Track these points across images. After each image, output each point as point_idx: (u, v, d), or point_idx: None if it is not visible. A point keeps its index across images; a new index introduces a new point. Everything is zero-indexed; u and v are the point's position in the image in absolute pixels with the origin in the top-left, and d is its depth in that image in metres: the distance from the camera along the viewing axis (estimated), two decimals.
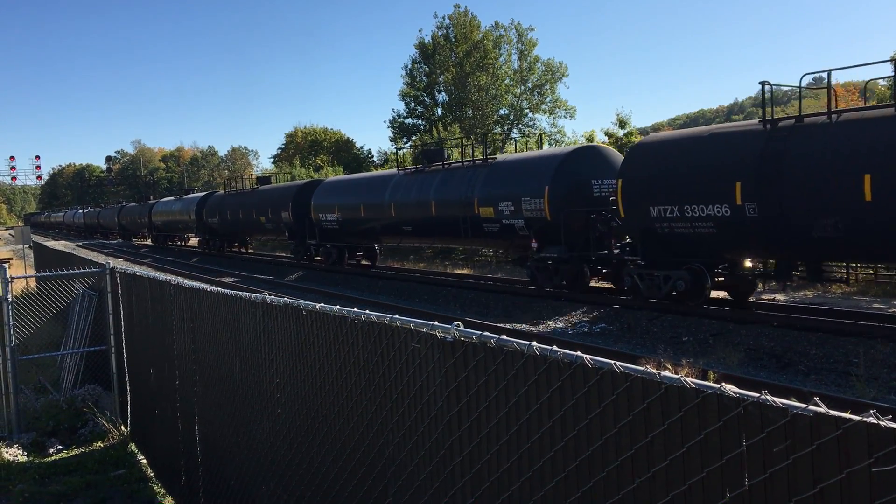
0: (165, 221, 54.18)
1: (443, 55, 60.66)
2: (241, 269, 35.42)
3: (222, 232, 43.34)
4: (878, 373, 11.31)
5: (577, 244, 19.11)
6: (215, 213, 42.78)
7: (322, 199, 31.18)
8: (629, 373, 2.55)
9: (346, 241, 30.60)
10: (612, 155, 20.50)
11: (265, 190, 38.63)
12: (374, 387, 4.05)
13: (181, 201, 51.34)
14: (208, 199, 45.53)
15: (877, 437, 1.86)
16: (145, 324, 8.90)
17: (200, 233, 46.21)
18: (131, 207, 69.19)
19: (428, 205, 23.89)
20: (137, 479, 8.29)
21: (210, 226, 44.11)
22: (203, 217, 44.65)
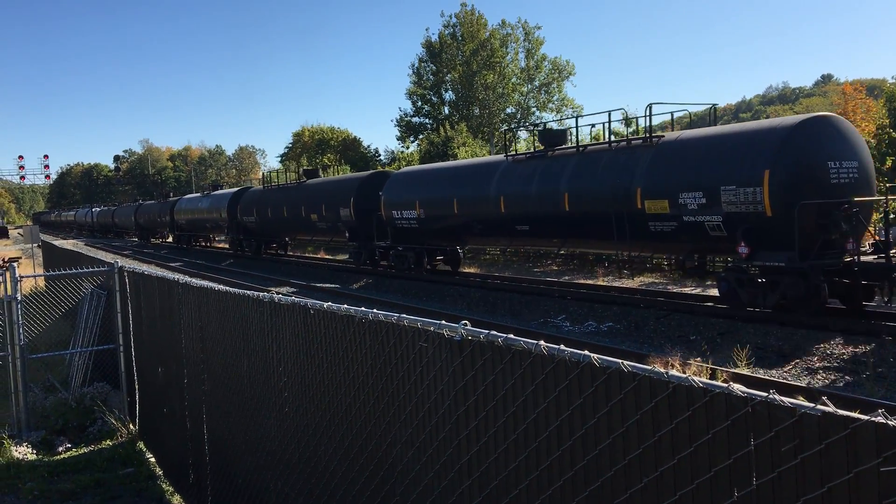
0: (190, 220, 49.82)
1: (450, 54, 60.64)
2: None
3: (260, 232, 39.21)
4: (886, 372, 11.27)
5: (810, 249, 14.03)
6: (252, 211, 38.33)
7: (396, 193, 26.39)
8: (637, 372, 2.55)
9: (428, 242, 25.82)
10: (851, 131, 15.55)
11: (316, 184, 33.96)
12: (382, 386, 4.05)
13: (209, 198, 46.71)
14: (243, 195, 41.22)
15: (885, 437, 1.86)
16: (154, 322, 8.93)
17: (233, 232, 41.76)
18: (150, 205, 64.79)
19: (557, 198, 18.95)
20: (146, 478, 8.32)
21: (245, 225, 39.93)
22: (237, 215, 40.37)
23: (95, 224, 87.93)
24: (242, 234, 40.73)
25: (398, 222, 26.19)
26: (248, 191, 41.98)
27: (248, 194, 40.76)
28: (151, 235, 65.01)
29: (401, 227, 26.20)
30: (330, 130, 74.78)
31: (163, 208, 57.29)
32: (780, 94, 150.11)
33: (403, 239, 26.40)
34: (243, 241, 40.95)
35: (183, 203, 52.60)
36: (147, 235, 65.29)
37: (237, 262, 38.94)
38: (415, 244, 26.07)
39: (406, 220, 25.76)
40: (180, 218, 51.77)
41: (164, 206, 56.89)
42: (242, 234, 40.73)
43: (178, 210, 52.14)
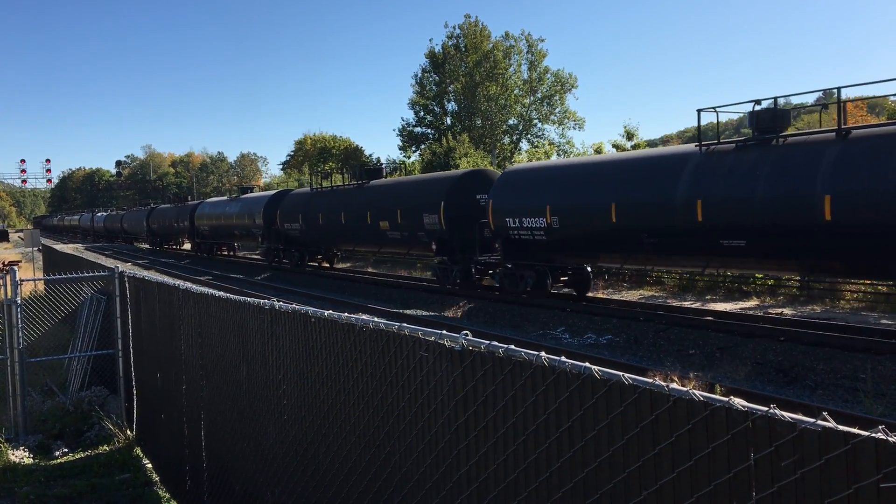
0: (215, 226, 44.43)
1: (453, 65, 60.83)
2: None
3: (305, 241, 33.97)
4: (885, 389, 11.25)
5: None
6: (296, 217, 33.24)
7: (512, 196, 20.75)
8: (637, 385, 2.55)
9: (556, 258, 20.50)
10: None
11: (387, 186, 28.62)
12: (382, 395, 4.06)
13: (239, 202, 41.56)
14: (284, 198, 36.37)
15: (885, 453, 1.86)
16: (153, 328, 8.93)
17: (270, 241, 36.48)
18: (165, 210, 58.65)
19: (805, 204, 13.58)
20: (142, 484, 8.30)
21: (286, 233, 34.88)
22: (275, 221, 35.52)
23: (102, 229, 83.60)
24: (283, 244, 35.54)
25: (513, 233, 20.50)
26: (290, 194, 37.08)
27: (291, 198, 35.65)
28: (165, 242, 60.03)
29: (517, 239, 20.46)
30: (332, 139, 75.02)
31: (181, 213, 52.05)
32: None
33: (521, 254, 20.64)
34: (283, 251, 36.02)
35: (206, 207, 47.25)
36: (160, 242, 60.26)
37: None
38: (537, 261, 20.43)
39: (526, 231, 20.07)
40: (202, 224, 46.56)
41: (183, 211, 51.83)
42: (283, 244, 35.54)
43: (200, 215, 46.94)
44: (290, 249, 35.41)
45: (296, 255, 34.97)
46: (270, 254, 37.53)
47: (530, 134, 63.15)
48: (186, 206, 52.76)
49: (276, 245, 36.23)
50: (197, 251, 49.79)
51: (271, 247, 36.87)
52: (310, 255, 35.17)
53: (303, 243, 34.51)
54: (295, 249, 35.03)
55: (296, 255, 34.97)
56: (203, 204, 49.42)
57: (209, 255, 47.47)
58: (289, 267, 35.50)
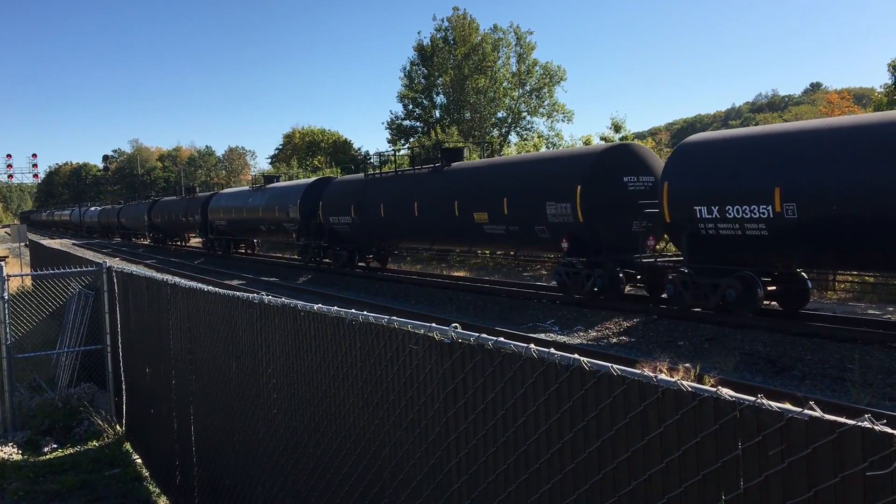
0: (233, 221, 39.49)
1: (441, 57, 60.75)
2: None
3: (356, 237, 28.71)
4: (872, 379, 11.33)
5: None
6: (345, 209, 28.06)
7: (707, 178, 15.28)
8: (626, 376, 2.56)
9: (780, 260, 15.30)
10: None
11: (481, 169, 22.66)
12: (371, 388, 4.06)
13: (264, 193, 36.39)
14: (327, 187, 30.92)
15: (871, 442, 1.88)
16: (141, 323, 8.90)
17: (310, 237, 31.32)
18: (170, 203, 53.43)
19: None
20: (132, 479, 8.28)
21: (332, 228, 29.55)
22: (317, 215, 30.48)
23: (96, 224, 79.34)
24: (326, 241, 30.25)
25: (707, 228, 15.18)
26: (336, 182, 31.59)
27: (338, 187, 30.21)
28: (169, 238, 55.33)
29: (712, 236, 15.19)
30: (321, 132, 74.82)
31: (190, 206, 46.73)
32: (770, 101, 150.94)
33: (714, 255, 15.45)
34: (326, 249, 30.72)
35: (222, 199, 42.05)
36: (164, 238, 55.50)
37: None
38: (743, 264, 15.19)
39: (731, 224, 14.69)
40: (217, 218, 41.58)
41: (193, 204, 46.40)
42: (326, 241, 30.25)
43: (215, 208, 41.78)
44: (335, 247, 30.15)
45: (343, 254, 29.66)
46: (308, 252, 32.07)
47: (519, 126, 63.17)
48: (197, 198, 47.43)
49: (317, 242, 30.88)
50: (210, 248, 44.80)
51: (310, 244, 31.50)
52: (360, 254, 29.57)
53: (353, 240, 29.09)
54: (342, 248, 29.74)
55: (343, 254, 29.66)
56: (218, 196, 43.98)
57: (224, 254, 42.41)
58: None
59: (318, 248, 31.30)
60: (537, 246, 21.40)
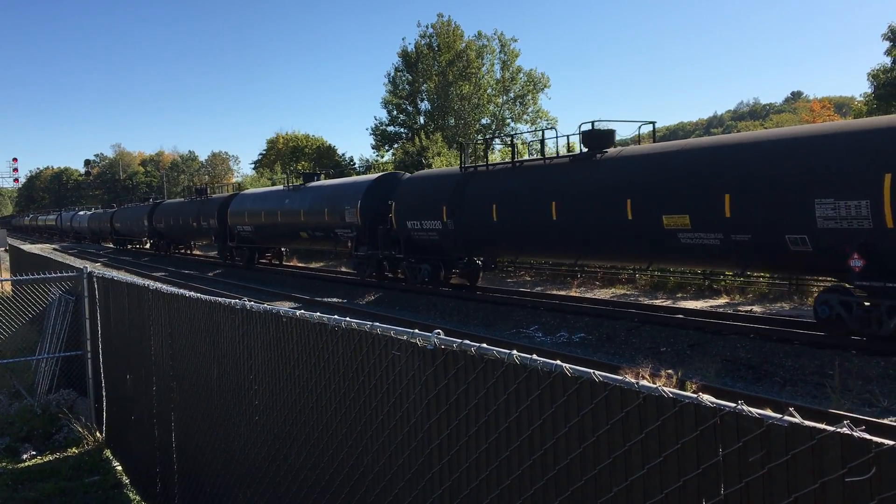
0: (262, 227, 33.82)
1: (426, 64, 60.78)
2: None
3: (448, 246, 22.57)
4: (852, 385, 11.43)
5: None
6: (434, 211, 22.03)
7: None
8: (608, 382, 2.57)
9: None
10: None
11: (690, 152, 15.83)
12: (354, 394, 4.04)
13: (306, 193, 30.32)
14: (401, 184, 25.14)
15: (850, 448, 1.89)
16: (122, 329, 8.83)
17: (375, 246, 25.39)
18: (175, 206, 47.22)
19: None
20: (112, 486, 8.21)
21: (411, 236, 23.34)
22: (392, 219, 24.12)
23: (85, 229, 73.16)
24: (404, 251, 23.96)
25: None
26: (412, 179, 25.33)
27: (418, 184, 24.19)
28: (174, 246, 49.59)
29: None
30: (305, 138, 74.65)
31: (203, 209, 40.59)
32: (751, 109, 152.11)
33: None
34: (400, 261, 24.61)
35: (246, 202, 36.12)
36: (167, 245, 49.55)
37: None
38: None
39: None
40: (241, 223, 35.58)
41: (206, 207, 40.26)
42: (404, 251, 23.96)
43: (237, 212, 36.04)
44: (411, 259, 23.91)
45: (424, 268, 23.36)
46: (369, 265, 26.15)
47: (503, 133, 63.25)
48: (211, 199, 41.28)
49: (387, 252, 24.95)
50: (228, 258, 38.70)
51: (374, 255, 25.54)
52: (446, 268, 23.65)
53: (442, 251, 23.09)
54: (424, 260, 23.53)
55: (424, 268, 23.36)
56: (241, 197, 37.70)
57: (247, 265, 36.44)
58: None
59: (390, 259, 25.15)
60: (786, 262, 14.38)
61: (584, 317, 17.79)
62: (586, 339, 16.24)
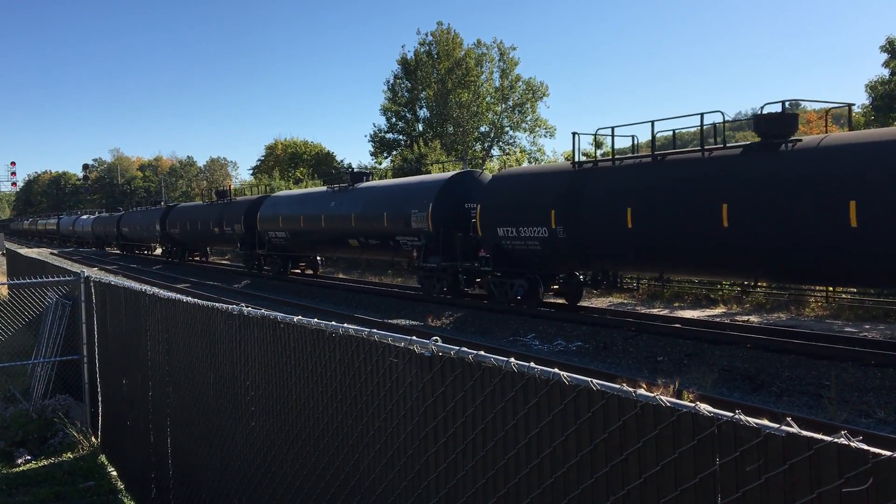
0: (301, 233, 30.16)
1: (425, 71, 60.93)
2: None
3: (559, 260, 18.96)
4: (849, 396, 11.43)
5: None
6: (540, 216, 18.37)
7: None
8: (605, 390, 2.57)
9: None
10: None
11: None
12: (351, 401, 4.04)
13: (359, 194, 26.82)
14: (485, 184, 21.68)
15: (847, 458, 1.89)
16: (119, 334, 8.81)
17: (453, 256, 21.81)
18: (192, 210, 43.70)
19: None
20: (107, 491, 8.18)
21: (502, 246, 19.64)
22: (477, 226, 20.63)
23: (88, 234, 69.77)
24: (493, 262, 20.33)
25: None
26: (501, 177, 21.36)
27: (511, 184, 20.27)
28: (188, 253, 46.22)
29: None
30: (303, 144, 74.68)
31: (226, 214, 36.90)
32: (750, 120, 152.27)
33: None
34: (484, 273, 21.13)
35: (280, 205, 32.31)
36: (180, 252, 46.02)
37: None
38: None
39: None
40: (273, 229, 32.12)
41: (230, 211, 36.61)
42: (493, 262, 20.33)
43: (269, 217, 32.43)
44: (501, 273, 20.28)
45: (520, 285, 19.69)
46: (439, 279, 22.63)
47: (502, 141, 63.41)
48: (236, 203, 37.72)
49: (468, 264, 21.59)
50: (255, 267, 35.31)
51: (448, 267, 22.06)
52: (544, 284, 19.97)
53: (545, 262, 19.32)
54: (521, 275, 19.81)
55: (520, 285, 19.69)
56: (273, 200, 33.86)
57: (278, 275, 32.97)
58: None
59: (469, 272, 21.78)
60: None
61: (581, 325, 17.79)
62: (583, 347, 16.24)
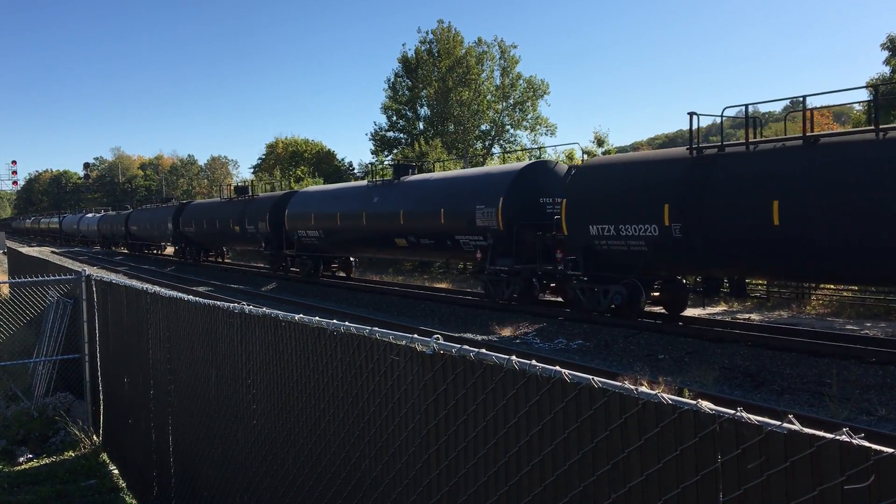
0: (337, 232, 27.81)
1: (426, 70, 60.91)
2: None
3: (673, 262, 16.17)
4: (850, 393, 11.43)
5: None
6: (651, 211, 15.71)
7: None
8: (607, 388, 2.57)
9: None
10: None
11: None
12: (352, 399, 4.04)
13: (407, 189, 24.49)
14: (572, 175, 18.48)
15: (849, 455, 1.89)
16: (120, 332, 8.82)
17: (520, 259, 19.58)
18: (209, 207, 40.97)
19: None
20: (109, 490, 8.19)
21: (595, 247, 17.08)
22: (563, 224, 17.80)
23: (94, 233, 67.45)
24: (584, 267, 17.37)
25: None
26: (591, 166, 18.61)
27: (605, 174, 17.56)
28: (204, 253, 43.98)
29: None
30: (304, 143, 74.67)
31: (249, 211, 34.58)
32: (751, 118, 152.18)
33: None
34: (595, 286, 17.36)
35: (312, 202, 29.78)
36: (196, 253, 43.57)
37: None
38: None
39: None
40: (304, 228, 29.60)
41: (254, 209, 34.25)
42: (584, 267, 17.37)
43: (300, 215, 29.99)
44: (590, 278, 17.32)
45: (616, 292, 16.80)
46: (508, 284, 20.05)
47: (502, 139, 63.40)
48: (259, 199, 35.20)
49: (549, 268, 18.83)
50: (281, 269, 32.99)
51: (523, 270, 19.47)
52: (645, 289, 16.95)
53: (650, 265, 16.46)
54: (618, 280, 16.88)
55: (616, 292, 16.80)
56: (303, 197, 31.19)
57: (306, 278, 30.49)
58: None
59: (549, 277, 19.41)
60: None
61: (582, 324, 17.79)
62: (584, 346, 16.24)
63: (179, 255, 45.47)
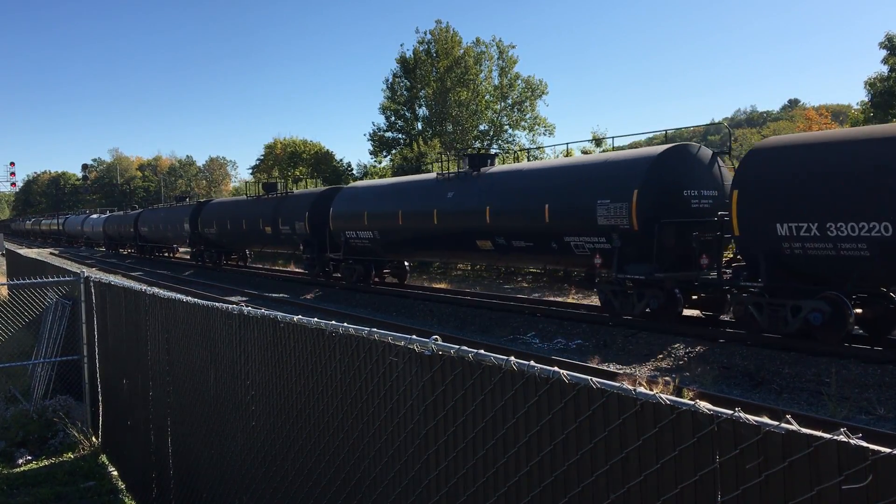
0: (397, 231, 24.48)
1: (424, 70, 60.89)
2: None
3: None
4: (849, 393, 11.43)
5: None
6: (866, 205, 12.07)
7: None
8: (605, 388, 2.57)
9: None
10: None
11: None
12: (351, 400, 4.04)
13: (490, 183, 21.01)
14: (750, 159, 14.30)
15: (846, 455, 1.89)
16: (119, 334, 8.81)
17: (660, 266, 16.03)
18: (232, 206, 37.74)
19: None
20: (108, 491, 8.18)
21: (781, 252, 13.43)
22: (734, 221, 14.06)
23: (100, 234, 64.99)
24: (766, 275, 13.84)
25: None
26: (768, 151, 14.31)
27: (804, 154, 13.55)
28: (226, 256, 40.48)
29: None
30: (302, 143, 74.65)
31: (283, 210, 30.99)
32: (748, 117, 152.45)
33: None
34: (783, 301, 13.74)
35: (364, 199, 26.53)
36: (215, 256, 40.08)
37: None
38: None
39: None
40: (356, 228, 26.21)
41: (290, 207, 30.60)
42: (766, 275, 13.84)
43: (347, 213, 26.81)
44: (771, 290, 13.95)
45: (816, 308, 13.24)
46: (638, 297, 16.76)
47: (501, 139, 63.39)
48: (295, 196, 31.38)
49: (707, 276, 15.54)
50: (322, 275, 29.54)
51: (663, 280, 16.08)
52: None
53: (874, 274, 12.91)
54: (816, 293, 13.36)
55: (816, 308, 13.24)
56: (351, 193, 27.87)
57: (354, 285, 27.05)
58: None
59: (709, 285, 15.87)
60: None
61: (581, 323, 17.79)
62: (583, 345, 16.24)
63: (197, 258, 41.99)
